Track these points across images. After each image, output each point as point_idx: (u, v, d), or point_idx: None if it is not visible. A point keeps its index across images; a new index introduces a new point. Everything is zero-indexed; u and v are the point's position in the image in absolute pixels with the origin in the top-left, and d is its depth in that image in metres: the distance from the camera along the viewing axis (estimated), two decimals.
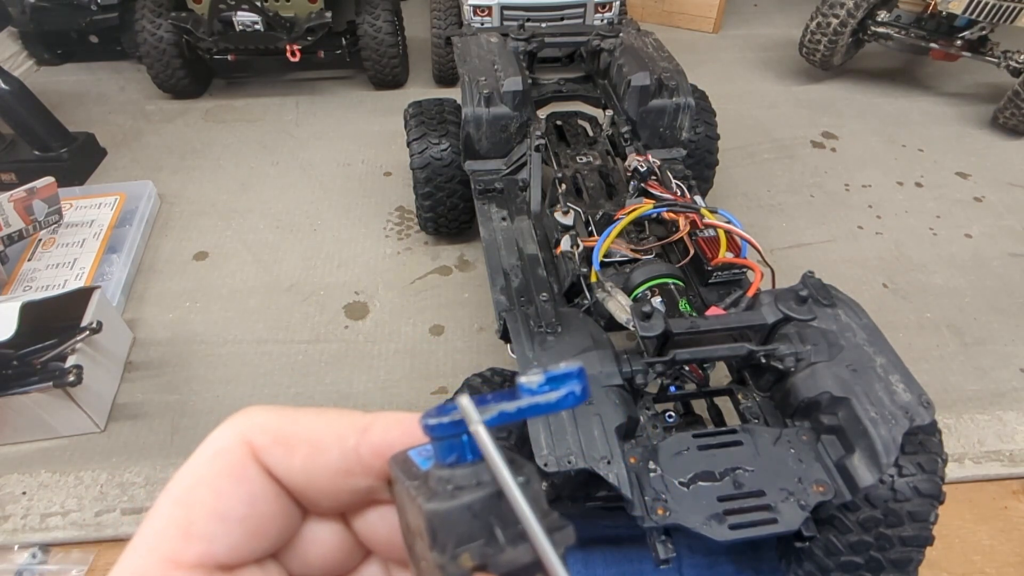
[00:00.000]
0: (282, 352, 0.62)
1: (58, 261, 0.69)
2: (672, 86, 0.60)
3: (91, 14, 1.01)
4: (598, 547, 0.46)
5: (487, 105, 0.59)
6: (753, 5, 1.38)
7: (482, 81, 0.60)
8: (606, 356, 0.37)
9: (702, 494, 0.33)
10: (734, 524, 0.31)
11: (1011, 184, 0.87)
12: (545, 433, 0.33)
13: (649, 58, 0.63)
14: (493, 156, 0.62)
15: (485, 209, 0.58)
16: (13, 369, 0.52)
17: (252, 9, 0.91)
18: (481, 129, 0.60)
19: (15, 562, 0.47)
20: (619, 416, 0.34)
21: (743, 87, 1.09)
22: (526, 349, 0.38)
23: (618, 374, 0.36)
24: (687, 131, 0.62)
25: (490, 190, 0.60)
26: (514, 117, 0.60)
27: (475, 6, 0.94)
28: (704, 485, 0.33)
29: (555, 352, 0.38)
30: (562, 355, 0.37)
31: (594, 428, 0.34)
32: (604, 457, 0.33)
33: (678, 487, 0.33)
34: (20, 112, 0.80)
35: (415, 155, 0.65)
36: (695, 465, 0.34)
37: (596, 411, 0.35)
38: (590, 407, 0.35)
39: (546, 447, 0.33)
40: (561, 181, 0.53)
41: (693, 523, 0.32)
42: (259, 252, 0.74)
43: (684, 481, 0.33)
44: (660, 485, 0.33)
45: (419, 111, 0.68)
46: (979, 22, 0.94)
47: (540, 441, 0.33)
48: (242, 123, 0.97)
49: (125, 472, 0.52)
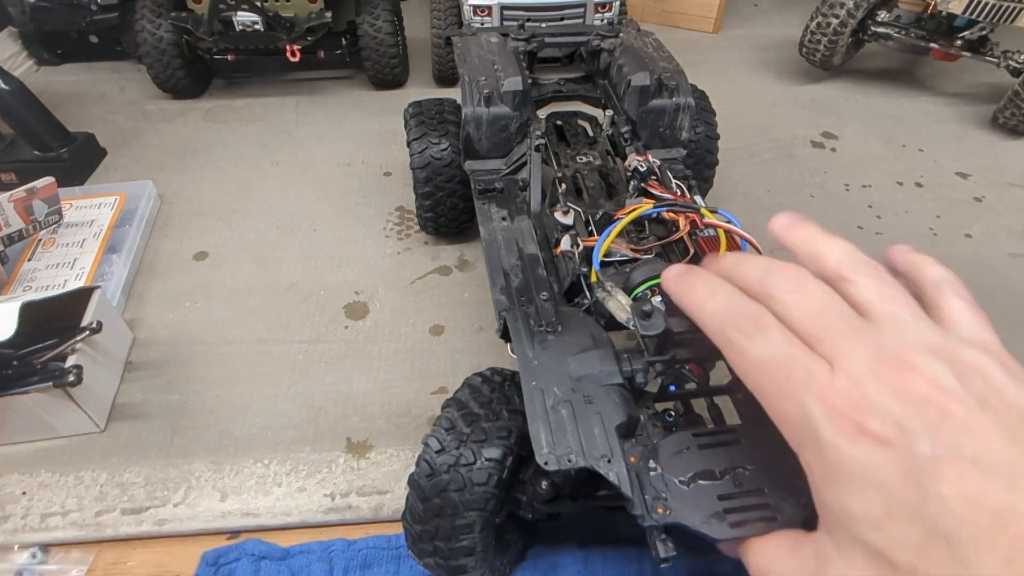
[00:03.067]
0: (282, 352, 0.62)
1: (58, 261, 0.69)
2: (672, 86, 0.60)
3: (91, 14, 1.01)
4: (598, 547, 0.46)
5: (487, 105, 0.59)
6: (753, 5, 1.38)
7: (482, 81, 0.60)
8: (606, 355, 0.37)
9: (702, 493, 0.32)
10: (735, 522, 0.31)
11: (1011, 184, 0.87)
12: (546, 432, 0.33)
13: (649, 58, 0.63)
14: (493, 156, 0.62)
15: (485, 209, 0.58)
16: (13, 369, 0.52)
17: (252, 9, 0.91)
18: (481, 129, 0.60)
19: (15, 562, 0.47)
20: (619, 415, 0.34)
21: (743, 87, 1.09)
22: (526, 348, 0.38)
23: (618, 373, 0.36)
24: (687, 131, 0.62)
25: (490, 190, 0.60)
26: (514, 117, 0.60)
27: (475, 6, 0.94)
28: (704, 484, 0.33)
29: (555, 351, 0.37)
30: (562, 354, 0.37)
31: (595, 427, 0.34)
32: (604, 456, 0.33)
33: (678, 486, 0.33)
34: (20, 112, 0.80)
35: (415, 155, 0.65)
36: (695, 464, 0.34)
37: (597, 410, 0.34)
38: (590, 406, 0.35)
39: (546, 446, 0.33)
40: (561, 181, 0.53)
41: (693, 522, 0.31)
42: (259, 252, 0.74)
43: (684, 480, 0.33)
44: (660, 484, 0.33)
45: (419, 111, 0.68)
46: (979, 22, 0.94)
47: (540, 440, 0.33)
48: (242, 123, 0.97)
49: (125, 472, 0.52)
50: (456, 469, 0.36)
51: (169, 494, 0.51)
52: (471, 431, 0.37)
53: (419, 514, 0.37)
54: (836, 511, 0.25)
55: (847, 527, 0.24)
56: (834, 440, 0.24)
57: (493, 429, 0.37)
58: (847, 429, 0.24)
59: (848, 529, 0.24)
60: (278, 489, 0.51)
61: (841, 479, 0.24)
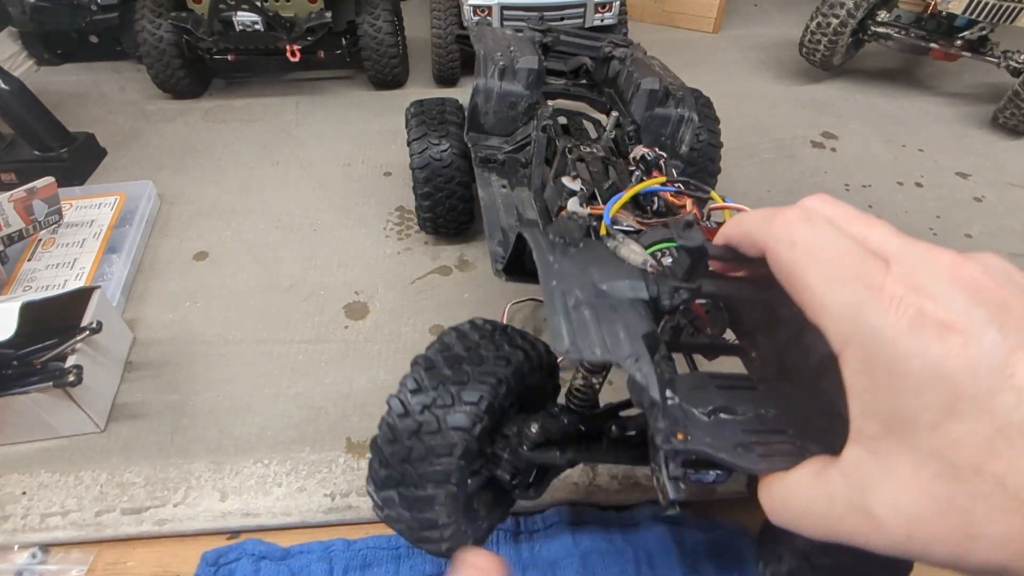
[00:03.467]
0: (282, 352, 0.62)
1: (58, 261, 0.69)
2: (679, 96, 0.61)
3: (91, 14, 1.01)
4: (598, 547, 0.46)
5: (500, 78, 0.59)
6: (753, 5, 1.38)
7: (498, 56, 0.60)
8: (632, 270, 0.35)
9: (725, 425, 0.30)
10: (763, 453, 0.28)
11: (1011, 184, 0.87)
12: (567, 326, 0.30)
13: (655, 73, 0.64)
14: (497, 133, 0.62)
15: (485, 176, 0.57)
16: (13, 369, 0.52)
17: (252, 9, 0.91)
18: (490, 102, 0.60)
19: (15, 562, 0.47)
20: (645, 326, 0.31)
21: (743, 87, 1.09)
22: (547, 253, 0.34)
23: (644, 289, 0.33)
24: (687, 145, 0.62)
25: (492, 160, 0.60)
26: (524, 96, 0.60)
27: (475, 6, 0.94)
28: (726, 418, 0.30)
29: (578, 261, 0.34)
30: (585, 265, 0.34)
31: (619, 331, 0.31)
32: (631, 355, 0.29)
33: (699, 416, 0.30)
34: (20, 112, 0.80)
35: (415, 155, 0.65)
36: (714, 400, 0.31)
37: (621, 317, 0.31)
38: (614, 313, 0.31)
39: (567, 337, 0.30)
40: (571, 150, 0.52)
41: (719, 450, 0.28)
42: (259, 252, 0.74)
43: (705, 412, 0.30)
44: (679, 412, 0.30)
45: (420, 110, 0.68)
46: (979, 22, 0.94)
47: (561, 331, 0.30)
48: (242, 123, 0.97)
49: (125, 472, 0.52)
50: (432, 410, 0.33)
51: (169, 494, 0.51)
52: (452, 372, 0.34)
53: (386, 458, 0.34)
54: (886, 415, 0.22)
55: (897, 432, 0.22)
56: (891, 330, 0.22)
57: (476, 372, 0.34)
58: (908, 317, 0.21)
59: (898, 434, 0.22)
60: (278, 489, 0.51)
61: (895, 376, 0.22)
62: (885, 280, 0.23)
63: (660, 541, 0.46)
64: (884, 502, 0.22)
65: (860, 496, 0.23)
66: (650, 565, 0.45)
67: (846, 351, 0.23)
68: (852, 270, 0.23)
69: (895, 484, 0.22)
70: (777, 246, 0.26)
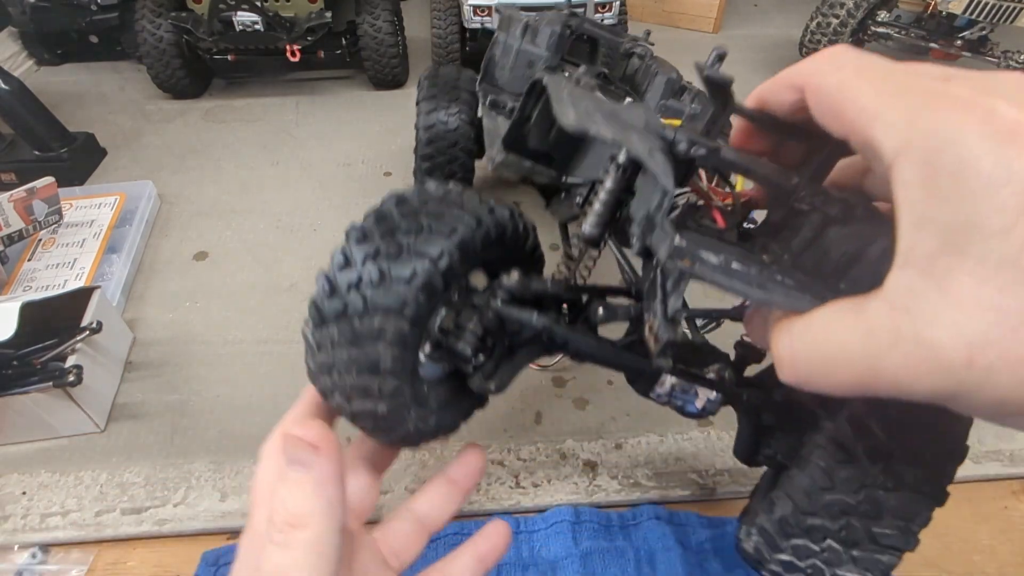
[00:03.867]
0: (283, 352, 0.62)
1: (58, 261, 0.69)
2: (694, 94, 0.61)
3: (91, 14, 1.01)
4: (597, 547, 0.46)
5: (522, 35, 0.59)
6: (753, 5, 1.38)
7: (523, 17, 0.61)
8: (651, 111, 0.32)
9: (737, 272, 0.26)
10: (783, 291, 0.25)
11: None
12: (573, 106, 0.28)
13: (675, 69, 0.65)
14: (509, 90, 0.62)
15: (492, 115, 0.57)
16: (13, 369, 0.52)
17: (252, 9, 0.91)
18: (508, 56, 0.60)
19: (15, 562, 0.47)
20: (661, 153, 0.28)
21: (743, 87, 1.08)
22: (565, 92, 0.31)
23: (660, 125, 0.30)
24: None
25: (501, 105, 0.59)
26: (544, 58, 0.60)
27: (475, 6, 0.94)
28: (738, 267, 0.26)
29: (595, 98, 0.31)
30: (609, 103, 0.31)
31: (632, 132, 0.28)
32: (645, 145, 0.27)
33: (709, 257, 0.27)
34: (20, 112, 0.80)
35: (422, 114, 0.65)
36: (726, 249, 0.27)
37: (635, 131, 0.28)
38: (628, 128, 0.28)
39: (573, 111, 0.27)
40: None
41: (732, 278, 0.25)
42: (259, 252, 0.74)
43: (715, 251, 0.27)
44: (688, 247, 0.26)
45: (435, 77, 0.69)
46: (979, 22, 0.94)
47: (565, 104, 0.28)
48: (242, 123, 0.97)
49: (125, 472, 0.52)
50: (376, 261, 0.28)
51: (169, 494, 0.51)
52: (404, 223, 0.29)
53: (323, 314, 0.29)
54: (946, 226, 0.20)
55: (960, 245, 0.19)
56: (956, 130, 0.19)
57: (433, 225, 0.29)
58: (977, 115, 0.19)
59: (960, 248, 0.19)
60: None
61: (961, 180, 0.19)
62: (948, 86, 0.20)
63: (660, 541, 0.47)
64: (942, 324, 0.19)
65: (910, 323, 0.20)
66: (650, 565, 0.45)
67: (899, 162, 0.21)
68: (908, 81, 0.21)
69: (955, 304, 0.19)
70: (820, 74, 0.24)
